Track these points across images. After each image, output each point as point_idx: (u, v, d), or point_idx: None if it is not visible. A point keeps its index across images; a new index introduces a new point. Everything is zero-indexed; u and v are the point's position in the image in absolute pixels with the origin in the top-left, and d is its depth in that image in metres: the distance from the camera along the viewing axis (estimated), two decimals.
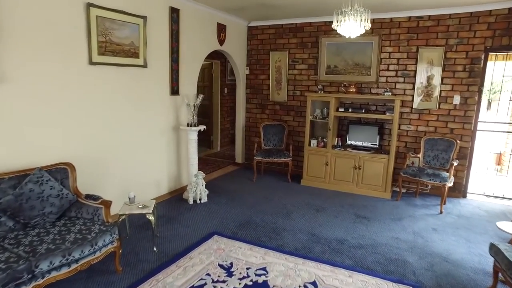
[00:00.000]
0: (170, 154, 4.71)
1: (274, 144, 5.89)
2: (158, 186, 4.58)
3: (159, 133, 4.47)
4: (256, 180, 5.60)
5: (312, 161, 5.32)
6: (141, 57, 4.01)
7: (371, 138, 5.11)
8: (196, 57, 5.02)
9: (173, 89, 4.60)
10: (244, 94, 6.40)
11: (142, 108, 4.14)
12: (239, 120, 6.47)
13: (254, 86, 6.33)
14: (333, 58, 5.46)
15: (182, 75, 4.74)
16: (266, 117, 6.28)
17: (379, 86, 5.22)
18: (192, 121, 4.54)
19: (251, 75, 6.34)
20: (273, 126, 5.90)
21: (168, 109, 4.57)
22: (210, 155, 7.63)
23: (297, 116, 5.96)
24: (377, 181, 4.89)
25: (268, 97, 6.19)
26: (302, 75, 5.80)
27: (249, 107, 6.45)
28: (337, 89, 5.52)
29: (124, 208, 3.18)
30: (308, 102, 5.22)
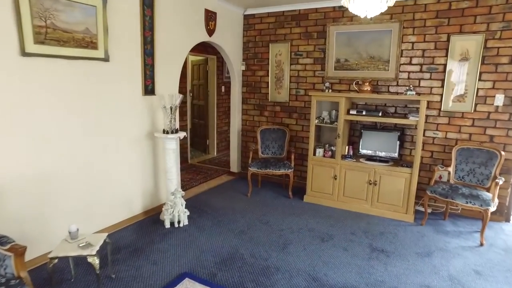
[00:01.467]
0: (144, 166, 3.90)
1: (274, 152, 5.03)
2: (129, 206, 3.77)
3: (129, 142, 3.66)
4: (251, 194, 4.76)
5: (317, 173, 4.44)
6: (101, 48, 3.19)
7: (389, 146, 4.20)
8: (178, 50, 4.19)
9: (146, 88, 3.78)
10: (239, 93, 5.55)
11: (105, 112, 3.33)
12: (234, 123, 5.62)
13: (251, 84, 5.48)
14: (343, 50, 4.57)
15: (159, 71, 3.92)
16: (265, 119, 5.42)
17: (399, 83, 4.30)
18: (169, 127, 3.72)
19: (247, 72, 5.48)
20: (272, 130, 5.04)
21: (140, 112, 3.75)
22: (204, 161, 6.81)
23: (301, 119, 5.09)
24: (397, 200, 3.99)
25: (267, 97, 5.33)
26: (307, 70, 4.92)
27: (245, 109, 5.60)
28: (348, 88, 4.63)
29: (59, 249, 2.37)
30: (313, 103, 4.34)
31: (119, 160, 3.57)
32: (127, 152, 3.66)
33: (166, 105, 3.67)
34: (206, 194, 4.81)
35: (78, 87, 3.06)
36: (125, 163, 3.64)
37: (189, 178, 5.55)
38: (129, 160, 3.69)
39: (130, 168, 3.71)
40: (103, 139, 3.35)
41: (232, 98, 5.58)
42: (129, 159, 3.69)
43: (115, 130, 3.48)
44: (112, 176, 3.51)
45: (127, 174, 3.69)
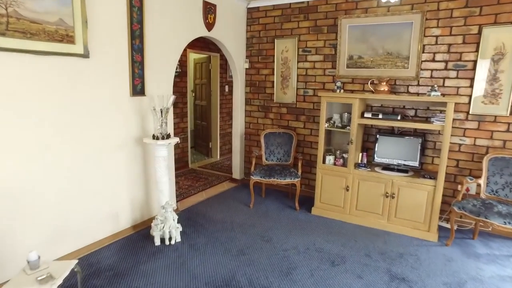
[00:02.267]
0: (133, 175, 3.49)
1: (279, 158, 4.57)
2: (115, 220, 3.37)
3: (115, 148, 3.25)
4: (253, 205, 4.32)
5: (327, 183, 3.97)
6: (79, 43, 2.79)
7: (409, 154, 3.71)
8: (173, 46, 3.77)
9: (135, 88, 3.37)
10: (242, 93, 5.11)
11: (85, 115, 2.93)
12: (236, 126, 5.19)
13: (255, 83, 5.03)
14: (357, 46, 4.09)
15: (150, 69, 3.51)
16: (269, 122, 4.97)
17: (421, 83, 3.81)
18: (160, 132, 3.30)
19: (251, 70, 5.04)
20: (277, 134, 4.58)
21: (128, 115, 3.34)
22: (206, 166, 6.39)
23: (309, 122, 4.62)
24: (418, 216, 3.50)
25: (272, 97, 4.88)
26: (316, 69, 4.45)
27: (249, 110, 5.16)
28: (362, 88, 4.15)
29: (13, 283, 1.97)
30: (323, 105, 3.87)
31: (103, 169, 3.16)
32: (113, 160, 3.25)
33: (156, 107, 3.25)
34: (204, 204, 4.38)
35: (52, 87, 2.66)
36: (110, 172, 3.24)
37: (187, 185, 5.14)
38: (115, 169, 3.28)
39: (116, 177, 3.31)
40: (83, 146, 2.95)
41: (235, 99, 5.14)
42: (115, 168, 3.28)
43: (97, 136, 3.07)
44: (94, 187, 3.10)
45: (112, 185, 3.28)
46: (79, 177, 2.96)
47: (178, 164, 5.97)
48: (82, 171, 2.98)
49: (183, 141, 6.09)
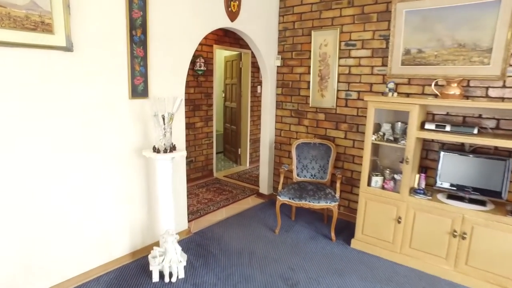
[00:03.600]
0: (133, 192, 2.92)
1: (313, 175, 3.79)
2: (108, 248, 2.81)
3: (109, 161, 2.70)
4: (280, 230, 3.58)
5: (373, 211, 3.13)
6: (60, 33, 2.25)
7: (488, 180, 2.76)
8: (185, 39, 3.15)
9: (135, 89, 2.79)
10: (273, 95, 4.39)
11: (69, 122, 2.39)
12: (265, 133, 4.47)
13: (287, 84, 4.29)
14: (416, 36, 3.19)
15: (155, 66, 2.91)
16: (304, 130, 4.20)
17: (507, 84, 2.84)
18: (162, 143, 2.69)
19: (283, 68, 4.30)
20: (313, 146, 3.80)
21: (126, 121, 2.77)
22: (232, 175, 5.75)
23: (352, 131, 3.79)
24: (503, 269, 2.55)
25: (308, 101, 4.10)
26: (362, 66, 3.61)
27: (280, 115, 4.42)
28: (421, 90, 3.24)
29: None
30: (370, 112, 3.04)
31: (94, 186, 2.61)
32: (106, 176, 2.69)
33: (157, 113, 2.63)
34: (222, 226, 3.72)
35: (21, 88, 2.13)
36: (103, 189, 2.68)
37: (207, 200, 4.52)
38: (109, 186, 2.72)
39: (111, 196, 2.75)
40: (68, 159, 2.41)
41: (264, 102, 4.44)
42: (109, 184, 2.72)
43: (87, 146, 2.52)
44: (82, 208, 2.56)
45: (106, 205, 2.73)
46: (61, 197, 2.43)
47: (202, 173, 5.39)
48: (64, 189, 2.44)
49: (208, 147, 5.50)
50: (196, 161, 5.32)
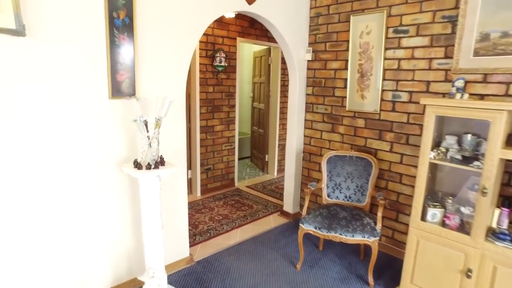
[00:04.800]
0: (117, 215, 2.35)
1: (348, 197, 3.01)
2: (84, 282, 2.26)
3: (84, 176, 2.14)
4: (302, 266, 2.85)
5: (427, 255, 2.29)
6: (5, 10, 1.70)
7: None
8: (188, 23, 2.52)
9: (117, 87, 2.21)
10: (301, 95, 3.65)
11: (22, 130, 1.86)
12: (291, 140, 3.75)
13: (319, 82, 3.53)
14: (500, 15, 2.30)
15: (146, 58, 2.32)
16: (338, 139, 3.42)
17: None
18: (146, 156, 2.08)
19: (314, 63, 3.55)
20: (348, 159, 3.02)
21: (108, 126, 2.20)
22: (256, 185, 5.08)
23: (399, 143, 2.95)
24: None
25: (344, 103, 3.32)
26: (415, 59, 2.76)
27: (310, 119, 3.67)
28: (505, 90, 2.34)
29: None
30: (429, 119, 2.20)
31: (64, 209, 2.07)
32: (81, 195, 2.14)
33: (139, 118, 2.02)
34: (233, 253, 3.07)
35: None
36: (75, 213, 2.13)
37: (222, 217, 3.89)
38: (85, 208, 2.17)
39: (86, 220, 2.19)
40: (30, 176, 1.88)
41: (291, 103, 3.71)
42: (85, 206, 2.17)
43: (52, 160, 1.98)
44: (47, 236, 2.03)
45: (80, 231, 2.18)
46: (20, 222, 1.90)
47: (221, 182, 4.78)
48: (26, 213, 1.91)
49: (229, 154, 4.87)
50: (214, 169, 4.71)
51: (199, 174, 4.52)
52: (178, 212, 2.75)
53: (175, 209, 2.71)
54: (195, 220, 3.76)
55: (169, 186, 2.60)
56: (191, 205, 4.20)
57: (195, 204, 4.24)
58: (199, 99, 4.32)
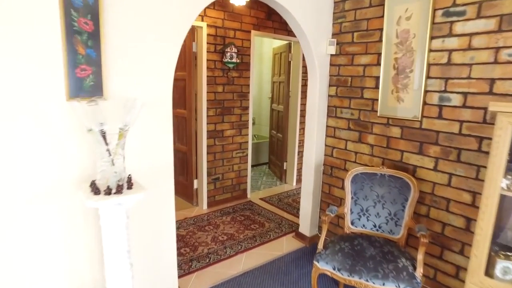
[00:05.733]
0: (78, 246, 1.86)
1: (378, 226, 2.37)
2: None
3: (32, 201, 1.66)
4: None
5: None
6: None
7: None
8: (175, 7, 2.00)
9: (78, 85, 1.72)
10: (323, 97, 3.04)
11: None
12: (310, 150, 3.15)
13: (345, 81, 2.91)
14: None
15: (117, 48, 1.82)
16: (367, 151, 2.78)
17: None
18: (107, 176, 1.57)
19: (339, 58, 2.93)
20: (379, 179, 2.38)
21: (64, 135, 1.71)
22: (272, 197, 4.51)
23: (448, 159, 2.27)
24: None
25: (375, 107, 2.68)
26: (473, 50, 2.09)
27: (333, 126, 3.06)
28: None
29: None
30: (503, 132, 1.54)
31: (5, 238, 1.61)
32: (28, 222, 1.67)
33: (97, 126, 1.52)
34: (236, 284, 2.52)
35: None
36: (22, 243, 1.66)
37: (227, 237, 3.35)
38: (34, 237, 1.70)
39: (37, 253, 1.72)
40: None
41: (310, 106, 3.11)
42: (34, 235, 1.69)
43: None
44: None
45: (25, 267, 1.71)
46: None
47: (231, 194, 4.26)
48: None
49: (241, 162, 4.33)
50: (223, 179, 4.19)
51: (205, 184, 4.01)
52: (163, 238, 2.24)
53: (159, 234, 2.21)
54: (195, 240, 3.25)
55: (153, 206, 2.09)
56: (194, 220, 3.70)
57: (199, 219, 3.73)
58: (206, 100, 3.81)
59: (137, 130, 1.91)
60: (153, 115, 2.02)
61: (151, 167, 2.03)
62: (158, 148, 2.08)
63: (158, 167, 2.08)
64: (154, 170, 2.05)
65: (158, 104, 2.03)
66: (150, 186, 1.89)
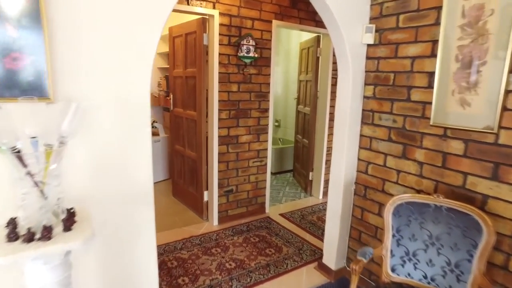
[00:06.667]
0: None
1: (429, 278, 1.71)
2: None
3: None
4: None
5: None
6: None
7: None
8: None
9: (8, 78, 1.23)
10: (356, 98, 2.40)
11: None
12: (338, 164, 2.52)
13: (386, 78, 2.26)
14: None
15: (66, 28, 1.32)
16: (413, 170, 2.12)
17: None
18: (29, 215, 1.06)
19: (379, 48, 2.28)
20: (433, 211, 1.73)
21: None
22: (293, 213, 3.92)
23: None
24: None
25: (426, 112, 2.01)
26: None
27: (368, 135, 2.42)
28: None
29: None
30: None
31: None
32: None
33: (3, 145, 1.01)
34: None
35: None
36: None
37: (235, 264, 2.80)
38: None
39: None
40: None
41: (338, 109, 2.49)
42: None
43: None
44: None
45: None
46: None
47: (246, 208, 3.73)
48: None
49: (258, 172, 3.77)
50: (238, 191, 3.65)
51: (216, 197, 3.50)
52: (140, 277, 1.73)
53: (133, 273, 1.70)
54: (197, 267, 2.73)
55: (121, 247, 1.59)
56: (201, 239, 3.20)
57: (206, 239, 3.22)
58: (218, 100, 3.29)
59: (94, 144, 1.41)
60: (122, 123, 1.51)
61: (119, 193, 1.53)
62: (130, 167, 1.57)
63: (129, 192, 1.57)
64: (123, 196, 1.55)
65: (129, 109, 1.51)
66: (115, 219, 1.39)
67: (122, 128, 1.50)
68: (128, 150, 1.55)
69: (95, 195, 1.46)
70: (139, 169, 1.59)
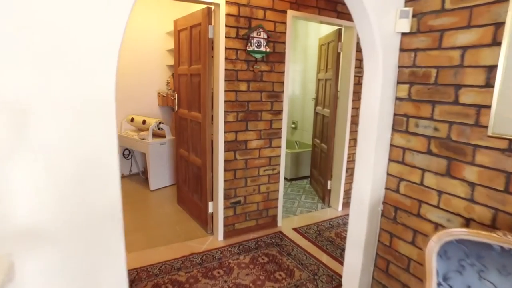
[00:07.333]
0: None
1: None
2: None
3: None
4: None
5: None
6: None
7: None
8: None
9: None
10: (387, 100, 1.95)
11: None
12: (362, 179, 2.08)
13: (425, 75, 1.80)
14: None
15: None
16: (462, 192, 1.65)
17: None
18: None
19: (416, 38, 1.83)
20: (497, 256, 1.27)
21: None
22: (309, 228, 3.50)
23: None
24: None
25: (482, 119, 1.54)
26: None
27: (400, 146, 1.96)
28: None
29: None
30: None
31: None
32: None
33: None
34: None
35: None
36: None
37: None
38: None
39: None
40: None
41: (364, 113, 2.05)
42: None
43: None
44: None
45: None
46: None
47: (256, 221, 3.35)
48: None
49: (270, 181, 3.37)
50: (246, 203, 3.26)
51: (222, 209, 3.12)
52: None
53: None
54: None
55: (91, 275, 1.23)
56: (203, 258, 2.82)
57: (209, 258, 2.84)
58: (224, 101, 2.90)
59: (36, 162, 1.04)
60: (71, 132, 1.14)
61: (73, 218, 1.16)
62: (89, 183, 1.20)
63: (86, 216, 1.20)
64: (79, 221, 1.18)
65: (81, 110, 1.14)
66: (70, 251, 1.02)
67: (70, 138, 1.13)
68: (86, 163, 1.18)
69: (45, 221, 1.10)
70: (101, 185, 1.22)
